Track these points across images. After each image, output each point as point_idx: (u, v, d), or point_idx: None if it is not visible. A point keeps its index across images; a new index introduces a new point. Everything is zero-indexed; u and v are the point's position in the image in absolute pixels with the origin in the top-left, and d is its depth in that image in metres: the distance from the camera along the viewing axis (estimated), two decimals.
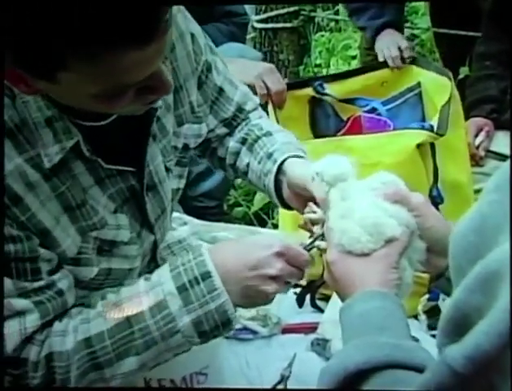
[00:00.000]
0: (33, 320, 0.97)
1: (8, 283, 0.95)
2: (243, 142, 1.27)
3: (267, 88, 1.94)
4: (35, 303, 0.97)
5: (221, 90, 1.25)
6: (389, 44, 2.21)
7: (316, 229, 0.99)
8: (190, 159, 1.25)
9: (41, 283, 0.98)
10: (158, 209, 1.14)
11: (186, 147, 1.20)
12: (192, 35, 1.17)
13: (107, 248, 1.07)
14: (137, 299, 0.99)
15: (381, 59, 2.22)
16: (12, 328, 0.95)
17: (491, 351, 0.49)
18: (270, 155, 1.20)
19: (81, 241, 1.03)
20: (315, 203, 1.02)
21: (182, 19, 1.15)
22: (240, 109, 1.29)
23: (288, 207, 1.19)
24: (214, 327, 0.98)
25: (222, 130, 1.29)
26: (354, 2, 2.41)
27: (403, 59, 2.17)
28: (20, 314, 0.96)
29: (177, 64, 1.14)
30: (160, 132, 1.12)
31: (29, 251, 0.97)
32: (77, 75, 0.83)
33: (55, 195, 0.99)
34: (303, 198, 1.09)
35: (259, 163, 1.22)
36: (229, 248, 1.03)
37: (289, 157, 1.17)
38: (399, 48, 2.18)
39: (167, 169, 1.15)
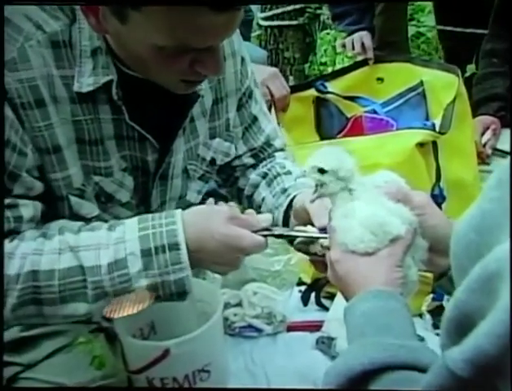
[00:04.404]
0: None
1: None
2: (264, 176, 1.30)
3: (271, 93, 1.96)
4: None
5: (255, 119, 1.29)
6: (355, 38, 2.36)
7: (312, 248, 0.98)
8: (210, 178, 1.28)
9: (5, 201, 0.96)
10: (158, 200, 1.16)
11: (213, 161, 1.23)
12: (243, 58, 1.22)
13: (103, 200, 1.08)
14: (96, 250, 0.95)
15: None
16: None
17: (492, 353, 0.48)
18: (284, 191, 1.22)
19: (83, 179, 1.04)
20: (312, 225, 1.00)
21: (237, 40, 1.21)
22: (268, 143, 1.32)
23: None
24: (168, 294, 0.96)
25: (248, 160, 1.32)
26: (357, 2, 2.42)
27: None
28: None
29: (223, 77, 1.18)
30: (190, 132, 1.15)
31: (14, 166, 0.96)
32: (146, 20, 0.86)
33: (72, 120, 1.01)
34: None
35: (273, 197, 1.24)
36: (201, 215, 0.99)
37: (301, 192, 1.17)
38: (363, 45, 2.31)
39: (184, 171, 1.17)
